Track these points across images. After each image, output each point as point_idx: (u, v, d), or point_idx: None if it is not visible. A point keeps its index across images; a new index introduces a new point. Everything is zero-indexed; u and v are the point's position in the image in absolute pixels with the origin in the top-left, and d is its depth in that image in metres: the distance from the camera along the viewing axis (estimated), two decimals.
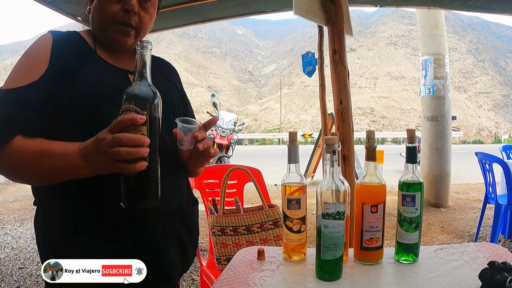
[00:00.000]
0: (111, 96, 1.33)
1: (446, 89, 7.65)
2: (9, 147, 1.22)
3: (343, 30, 3.14)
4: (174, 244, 1.50)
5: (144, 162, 1.14)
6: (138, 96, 1.17)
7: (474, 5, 5.27)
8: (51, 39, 1.37)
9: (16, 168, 1.26)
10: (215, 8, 5.52)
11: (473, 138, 57.36)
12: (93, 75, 1.37)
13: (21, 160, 1.23)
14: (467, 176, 12.00)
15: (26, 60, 1.34)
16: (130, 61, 1.54)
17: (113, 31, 1.43)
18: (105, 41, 1.48)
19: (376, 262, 1.50)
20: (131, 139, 1.11)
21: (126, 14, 1.41)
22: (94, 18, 1.46)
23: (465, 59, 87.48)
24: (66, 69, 1.33)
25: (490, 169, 5.06)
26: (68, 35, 1.45)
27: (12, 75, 1.32)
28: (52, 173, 1.24)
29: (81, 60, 1.38)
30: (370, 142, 1.46)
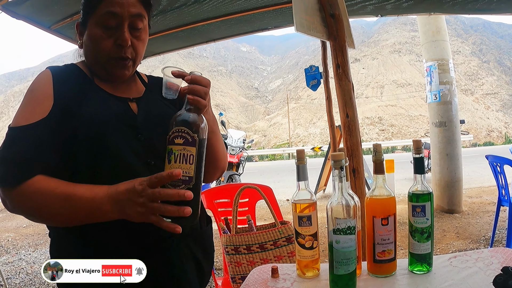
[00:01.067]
0: (114, 125, 1.36)
1: (452, 94, 7.65)
2: (29, 186, 1.22)
3: (345, 43, 3.17)
4: (191, 264, 1.51)
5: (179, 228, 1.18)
6: (190, 120, 1.22)
7: (473, 8, 5.29)
8: (50, 75, 1.39)
9: (36, 209, 1.26)
10: (217, 28, 5.58)
11: (484, 140, 56.92)
12: (94, 106, 1.38)
13: (44, 201, 1.22)
14: (480, 179, 11.92)
15: (30, 98, 1.35)
16: (128, 88, 1.56)
17: (110, 67, 1.45)
18: (103, 75, 1.50)
19: (389, 274, 1.50)
20: (172, 194, 1.14)
21: (119, 49, 1.42)
22: (88, 54, 1.49)
23: (470, 61, 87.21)
24: (69, 102, 1.34)
25: (501, 171, 5.03)
26: (66, 69, 1.48)
27: (19, 114, 1.32)
28: (77, 216, 1.25)
29: (82, 92, 1.39)
30: (377, 156, 1.47)
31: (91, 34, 1.42)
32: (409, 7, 5.34)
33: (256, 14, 5.11)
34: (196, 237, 1.54)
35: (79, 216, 1.24)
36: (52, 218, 1.29)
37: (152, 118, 1.48)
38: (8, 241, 8.01)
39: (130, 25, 1.43)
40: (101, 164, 1.31)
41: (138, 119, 1.45)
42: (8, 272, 5.85)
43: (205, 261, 1.59)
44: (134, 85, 1.61)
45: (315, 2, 3.17)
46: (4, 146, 1.26)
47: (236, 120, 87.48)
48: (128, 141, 1.39)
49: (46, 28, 4.55)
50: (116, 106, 1.44)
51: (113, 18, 1.39)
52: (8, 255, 6.92)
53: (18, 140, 1.26)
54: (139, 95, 1.56)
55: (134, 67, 1.52)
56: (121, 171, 1.33)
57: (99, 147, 1.33)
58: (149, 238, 1.37)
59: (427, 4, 5.29)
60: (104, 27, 1.40)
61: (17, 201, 1.23)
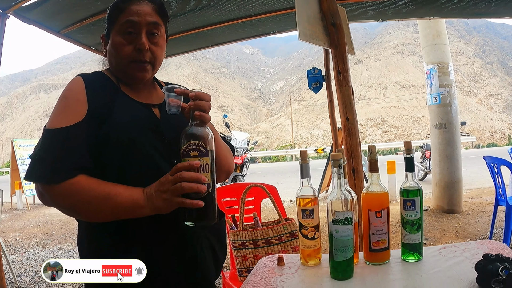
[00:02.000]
0: (142, 130, 1.52)
1: (452, 96, 7.75)
2: (71, 185, 1.34)
3: (345, 51, 3.30)
4: (209, 253, 1.65)
5: (201, 202, 1.32)
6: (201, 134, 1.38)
7: (472, 12, 5.38)
8: (83, 82, 1.51)
9: (77, 206, 1.39)
10: (222, 33, 5.71)
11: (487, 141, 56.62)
12: (124, 112, 1.52)
13: (85, 199, 1.36)
14: (480, 181, 11.97)
15: (65, 103, 1.46)
16: (149, 95, 1.71)
17: (131, 70, 1.60)
18: (126, 79, 1.64)
19: (384, 262, 1.66)
20: (191, 176, 1.31)
21: (139, 53, 1.56)
22: (112, 61, 1.63)
23: (473, 63, 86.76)
24: (101, 108, 1.47)
25: (498, 172, 5.15)
26: (95, 76, 1.61)
27: (55, 117, 1.43)
28: (116, 212, 1.39)
29: (111, 99, 1.54)
30: (371, 156, 1.64)
31: (113, 42, 1.58)
32: (409, 12, 5.43)
33: (261, 19, 5.22)
34: (213, 227, 1.65)
35: (117, 212, 1.39)
36: (90, 214, 1.42)
37: (173, 123, 1.62)
38: (16, 240, 8.15)
39: (148, 32, 1.58)
40: (130, 164, 1.46)
41: (162, 124, 1.61)
42: (18, 270, 5.98)
43: (220, 251, 1.74)
44: (154, 91, 1.76)
45: (317, 11, 3.30)
46: (42, 147, 1.38)
47: (239, 122, 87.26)
48: (154, 144, 1.54)
49: (56, 33, 4.69)
50: (142, 112, 1.60)
51: (132, 26, 1.55)
52: (17, 253, 7.05)
53: (54, 141, 1.38)
54: (159, 101, 1.71)
55: (154, 71, 1.66)
56: (149, 170, 1.48)
57: (130, 150, 1.47)
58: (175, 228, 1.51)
59: (426, 9, 5.38)
60: (124, 34, 1.56)
61: (58, 197, 1.36)
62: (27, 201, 12.91)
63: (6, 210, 12.45)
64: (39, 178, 1.35)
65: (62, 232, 8.69)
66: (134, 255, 1.42)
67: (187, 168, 1.32)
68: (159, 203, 1.36)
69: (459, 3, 5.05)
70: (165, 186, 1.35)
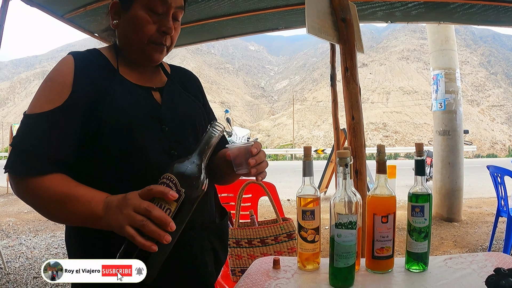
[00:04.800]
0: (140, 117, 1.38)
1: (458, 103, 7.68)
2: (33, 183, 1.22)
3: (354, 48, 3.22)
4: (210, 256, 1.54)
5: (155, 246, 1.07)
6: (185, 172, 1.14)
7: (482, 19, 5.35)
8: (73, 62, 1.37)
9: (34, 205, 1.27)
10: (229, 26, 5.63)
11: (487, 152, 56.76)
12: (120, 97, 1.38)
13: (45, 200, 1.23)
14: (480, 190, 11.94)
15: (48, 86, 1.34)
16: (151, 77, 1.57)
17: (149, 50, 1.46)
18: (137, 57, 1.50)
19: (386, 270, 1.55)
20: (160, 216, 1.06)
21: (162, 35, 1.45)
22: (126, 36, 1.48)
23: (477, 72, 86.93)
24: (92, 92, 1.34)
25: (502, 182, 5.07)
26: (89, 55, 1.46)
27: (35, 101, 1.31)
28: (71, 217, 1.25)
29: (106, 82, 1.39)
30: (380, 156, 1.53)
31: (135, 16, 1.42)
32: (418, 15, 5.38)
33: (268, 14, 5.15)
34: (215, 229, 1.57)
35: (71, 217, 1.25)
36: (49, 217, 1.30)
37: (176, 109, 1.50)
38: (9, 225, 8.10)
39: (173, 15, 1.47)
40: (127, 155, 1.33)
41: (163, 110, 1.46)
42: (8, 255, 5.91)
43: (221, 250, 1.62)
44: (157, 74, 1.62)
45: (327, 6, 3.21)
46: (17, 134, 1.27)
47: (241, 119, 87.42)
48: (153, 133, 1.40)
49: (59, 17, 4.60)
50: (141, 96, 1.45)
51: (162, 5, 1.42)
52: (8, 239, 6.99)
53: (30, 129, 1.27)
54: (162, 85, 1.58)
55: (166, 54, 1.54)
56: (146, 162, 1.35)
57: (126, 139, 1.34)
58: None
59: (436, 13, 5.33)
60: (151, 11, 1.42)
61: (21, 191, 1.25)
62: None
63: (2, 194, 12.46)
64: (8, 167, 1.24)
65: None
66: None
67: (160, 194, 1.08)
68: (113, 221, 1.14)
69: (470, 9, 5.02)
70: (126, 207, 1.11)
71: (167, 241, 1.06)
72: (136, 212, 1.07)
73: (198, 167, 1.17)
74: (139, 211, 1.07)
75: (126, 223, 1.08)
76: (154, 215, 1.06)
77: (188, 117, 1.52)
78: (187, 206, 1.14)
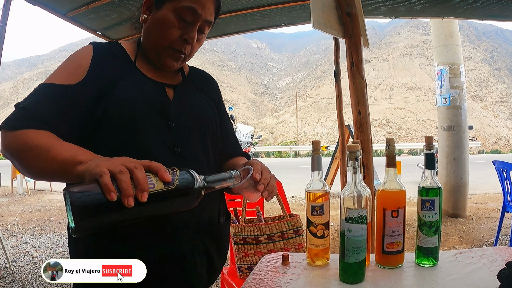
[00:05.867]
0: (145, 111, 1.37)
1: (462, 99, 7.66)
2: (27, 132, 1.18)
3: (360, 42, 3.20)
4: (202, 259, 1.48)
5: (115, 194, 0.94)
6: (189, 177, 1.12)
7: (487, 13, 5.32)
8: (92, 50, 1.40)
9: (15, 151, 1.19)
10: (232, 22, 5.61)
11: (491, 147, 56.56)
12: (129, 89, 1.38)
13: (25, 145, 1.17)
14: (485, 186, 11.93)
15: (66, 66, 1.37)
16: (169, 75, 1.57)
17: (166, 55, 1.47)
18: (153, 58, 1.51)
19: (397, 266, 1.54)
20: (141, 178, 0.99)
21: (183, 43, 1.45)
22: (149, 33, 1.48)
23: (481, 68, 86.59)
24: (103, 81, 1.35)
25: (508, 178, 5.05)
26: (109, 46, 1.49)
27: (51, 75, 1.34)
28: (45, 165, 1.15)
29: (119, 73, 1.40)
30: (390, 150, 1.51)
31: (163, 17, 1.43)
32: (422, 10, 5.35)
33: (271, 10, 5.14)
34: (212, 231, 1.52)
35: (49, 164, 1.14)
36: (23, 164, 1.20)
37: (186, 107, 1.49)
38: (13, 225, 8.09)
39: (200, 27, 1.46)
40: (127, 146, 1.31)
41: (172, 106, 1.45)
42: (13, 255, 5.90)
43: (217, 257, 1.57)
44: (175, 73, 1.61)
45: (332, 0, 3.20)
46: (26, 98, 1.29)
47: (244, 116, 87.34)
48: (158, 128, 1.39)
49: (62, 15, 4.61)
50: (151, 90, 1.44)
51: (192, 14, 1.42)
52: (13, 238, 6.99)
53: (38, 94, 1.29)
54: (178, 83, 1.58)
55: (182, 64, 1.54)
56: (146, 155, 1.25)
57: (128, 132, 1.34)
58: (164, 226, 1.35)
59: (440, 8, 5.30)
60: (179, 17, 1.42)
61: (7, 144, 1.21)
62: (28, 186, 12.89)
63: (6, 194, 12.46)
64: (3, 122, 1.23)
65: (61, 219, 8.64)
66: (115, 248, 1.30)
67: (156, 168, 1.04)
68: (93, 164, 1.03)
69: (473, 3, 5.00)
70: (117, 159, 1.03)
71: (128, 204, 0.95)
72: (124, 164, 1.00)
73: (201, 188, 1.15)
74: (126, 164, 1.00)
75: (103, 166, 0.98)
76: (136, 174, 0.99)
77: (197, 116, 1.51)
78: (170, 198, 1.08)
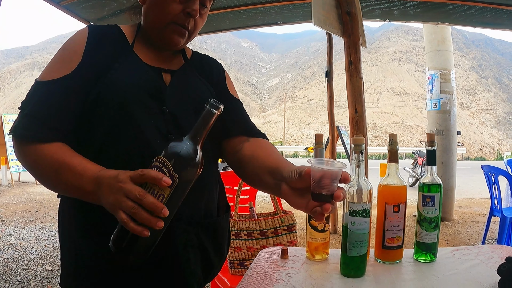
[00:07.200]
0: (139, 96, 1.32)
1: (452, 104, 7.74)
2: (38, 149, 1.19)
3: (358, 41, 3.22)
4: (196, 254, 1.40)
5: (147, 231, 1.00)
6: (179, 155, 1.05)
7: (480, 21, 5.40)
8: (87, 33, 1.35)
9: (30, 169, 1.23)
10: (226, 18, 5.61)
11: (476, 154, 57.25)
12: (123, 72, 1.32)
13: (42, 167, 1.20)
14: (471, 191, 12.06)
15: (61, 54, 1.32)
16: (169, 59, 1.50)
17: (169, 31, 1.39)
18: (157, 38, 1.43)
19: (396, 261, 1.55)
20: (151, 203, 0.98)
21: (186, 17, 1.38)
22: (149, 13, 1.42)
23: (468, 76, 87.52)
24: (97, 65, 1.31)
25: (495, 182, 5.12)
26: (106, 29, 1.42)
27: (46, 69, 1.30)
28: (64, 188, 1.20)
29: (115, 56, 1.35)
30: (392, 145, 1.52)
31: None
32: (416, 14, 5.42)
33: (266, 8, 5.14)
34: (208, 226, 1.44)
35: (66, 188, 1.19)
36: (47, 185, 1.24)
37: (182, 92, 1.43)
38: None
39: (201, 1, 1.41)
40: (119, 134, 1.27)
41: (168, 91, 1.39)
42: None
43: (214, 252, 1.49)
44: (176, 57, 1.55)
45: None
46: (26, 98, 1.26)
47: None
48: (151, 114, 1.33)
49: (56, 4, 4.56)
50: (146, 74, 1.37)
51: None
52: None
53: (37, 95, 1.25)
54: (177, 68, 1.50)
55: (187, 41, 1.48)
56: (138, 143, 1.29)
57: (120, 117, 1.29)
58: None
59: (434, 13, 5.37)
60: None
61: (22, 156, 1.23)
62: (12, 178, 12.74)
63: None
64: (12, 130, 1.23)
65: (46, 211, 8.57)
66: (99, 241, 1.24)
67: (153, 179, 1.00)
68: (104, 202, 1.08)
69: (467, 10, 5.09)
70: (116, 189, 1.04)
71: (159, 227, 1.00)
72: (128, 198, 1.00)
73: (193, 150, 1.07)
74: (131, 197, 1.00)
75: (118, 207, 1.01)
76: (145, 202, 0.98)
77: (193, 101, 1.43)
78: (181, 190, 1.06)
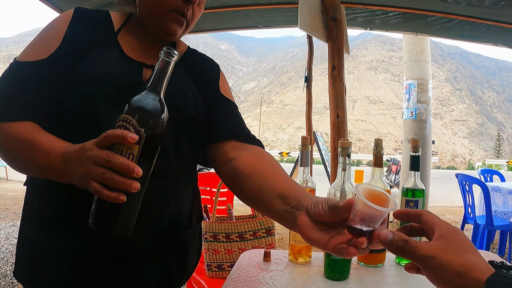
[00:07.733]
0: (108, 92, 1.21)
1: (428, 113, 7.86)
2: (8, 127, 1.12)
3: (342, 47, 3.24)
4: (152, 267, 1.30)
5: (123, 196, 0.93)
6: (142, 108, 0.98)
7: (459, 34, 5.49)
8: (71, 16, 1.27)
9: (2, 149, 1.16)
10: (208, 19, 5.56)
11: (447, 164, 58.21)
12: (95, 63, 1.22)
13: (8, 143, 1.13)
14: (442, 200, 12.33)
15: (41, 36, 1.26)
16: (153, 54, 1.36)
17: (168, 19, 1.31)
18: (155, 28, 1.34)
19: (379, 264, 1.56)
20: (121, 163, 0.91)
21: (185, 4, 1.29)
22: (146, 2, 1.32)
23: (443, 87, 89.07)
24: (75, 51, 1.22)
25: (469, 190, 5.21)
26: (94, 13, 1.33)
27: (25, 50, 1.24)
28: (34, 167, 1.13)
29: (93, 44, 1.25)
30: (377, 150, 1.52)
31: None
32: (397, 24, 5.48)
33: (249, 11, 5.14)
34: (171, 239, 1.34)
35: (36, 168, 1.12)
36: (15, 165, 1.17)
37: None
38: None
39: None
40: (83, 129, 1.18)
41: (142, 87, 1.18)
42: None
43: (177, 268, 1.39)
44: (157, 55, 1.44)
45: (318, 4, 3.22)
46: (1, 77, 1.19)
47: None
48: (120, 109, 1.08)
49: None
50: (121, 68, 1.26)
51: None
52: None
53: (13, 75, 1.19)
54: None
55: (185, 32, 1.40)
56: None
57: (84, 111, 1.20)
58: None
59: (415, 24, 5.45)
60: None
61: None
62: None
63: None
64: None
65: (16, 209, 8.42)
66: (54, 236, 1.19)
67: (118, 138, 0.91)
68: (75, 177, 1.00)
69: (447, 23, 5.16)
70: (84, 158, 0.95)
71: (135, 189, 0.92)
72: (96, 164, 0.93)
73: (155, 100, 1.01)
74: (99, 162, 0.92)
75: (88, 178, 0.93)
76: (115, 163, 0.91)
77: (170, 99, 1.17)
78: (151, 146, 0.99)
